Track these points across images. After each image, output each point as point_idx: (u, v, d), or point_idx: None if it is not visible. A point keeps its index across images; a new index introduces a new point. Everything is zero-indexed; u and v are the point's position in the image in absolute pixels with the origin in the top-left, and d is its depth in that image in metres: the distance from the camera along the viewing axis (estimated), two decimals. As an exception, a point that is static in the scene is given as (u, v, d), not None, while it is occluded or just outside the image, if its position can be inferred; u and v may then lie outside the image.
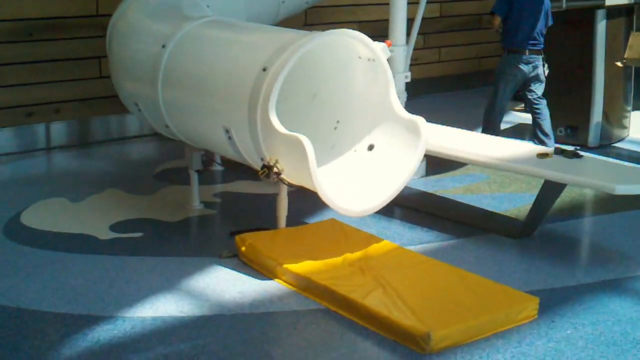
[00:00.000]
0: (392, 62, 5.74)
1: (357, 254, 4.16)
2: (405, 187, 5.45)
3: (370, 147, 4.42)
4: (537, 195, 4.65)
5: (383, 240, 4.40)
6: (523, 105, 7.50)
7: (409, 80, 5.87)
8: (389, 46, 4.43)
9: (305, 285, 3.88)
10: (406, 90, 5.83)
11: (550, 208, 4.73)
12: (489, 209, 5.16)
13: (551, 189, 4.54)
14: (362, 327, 3.55)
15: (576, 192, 5.41)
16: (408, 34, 5.80)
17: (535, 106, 6.30)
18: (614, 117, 6.89)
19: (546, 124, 6.28)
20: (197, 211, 5.07)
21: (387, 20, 5.70)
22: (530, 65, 6.18)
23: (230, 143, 4.25)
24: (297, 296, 3.86)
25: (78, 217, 4.96)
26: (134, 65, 4.89)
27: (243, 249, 4.24)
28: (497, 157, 4.74)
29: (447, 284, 3.89)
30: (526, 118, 7.15)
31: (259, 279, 4.05)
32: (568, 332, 3.61)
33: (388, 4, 5.69)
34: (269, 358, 3.30)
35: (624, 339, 3.53)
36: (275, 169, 4.00)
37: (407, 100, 5.67)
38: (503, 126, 6.64)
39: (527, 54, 6.15)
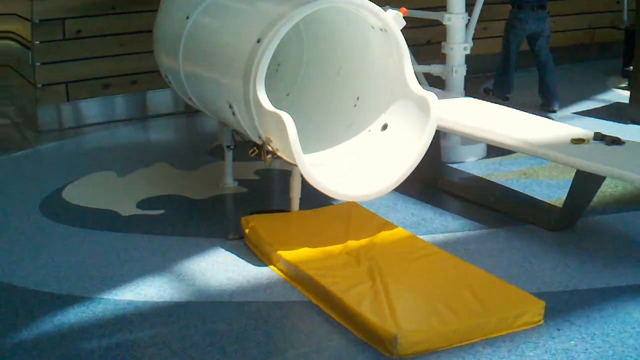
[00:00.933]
0: (450, 31, 5.37)
1: (361, 242, 3.88)
2: (453, 169, 5.18)
3: (384, 127, 4.10)
4: (571, 186, 4.15)
5: (397, 227, 4.08)
6: (627, 83, 6.88)
7: (467, 52, 5.44)
8: (403, 14, 4.03)
9: (294, 274, 3.67)
10: (465, 62, 5.43)
11: (589, 200, 4.20)
12: (535, 197, 4.69)
13: (586, 180, 4.01)
14: (338, 323, 3.30)
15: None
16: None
17: (542, 60, 6.50)
18: None
19: (552, 80, 6.48)
20: (229, 189, 4.93)
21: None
22: (537, 20, 6.36)
23: (234, 119, 4.08)
24: (285, 286, 3.65)
25: (114, 191, 4.97)
26: (164, 38, 4.80)
27: (247, 231, 4.07)
28: (523, 140, 4.24)
29: (446, 281, 3.54)
30: (626, 97, 6.51)
31: (254, 264, 3.87)
32: (572, 343, 3.18)
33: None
34: (221, 353, 3.12)
35: (634, 355, 3.07)
36: (268, 148, 3.79)
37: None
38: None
39: (535, 9, 6.35)
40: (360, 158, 4.08)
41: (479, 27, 7.58)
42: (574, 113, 6.55)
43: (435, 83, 5.63)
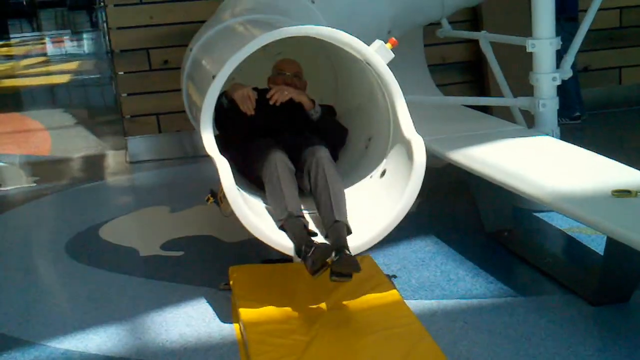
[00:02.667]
0: (536, 59, 4.60)
1: (335, 305, 3.32)
2: (536, 219, 4.39)
3: (383, 173, 3.51)
4: (605, 251, 3.25)
5: (392, 290, 3.43)
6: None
7: (558, 82, 4.61)
8: (392, 45, 3.38)
9: (242, 337, 3.19)
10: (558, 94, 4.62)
11: (635, 274, 3.26)
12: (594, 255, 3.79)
13: (624, 249, 3.06)
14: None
15: None
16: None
17: None
18: None
19: (573, 84, 5.80)
20: None
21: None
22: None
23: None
24: (231, 349, 3.18)
25: (151, 228, 4.78)
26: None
27: (230, 282, 3.65)
28: (549, 189, 3.41)
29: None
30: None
31: (222, 321, 3.45)
32: None
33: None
34: None
35: None
36: (220, 195, 3.39)
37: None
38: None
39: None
40: (354, 208, 3.50)
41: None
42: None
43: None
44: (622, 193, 3.22)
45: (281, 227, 3.34)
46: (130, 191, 5.80)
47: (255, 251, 4.09)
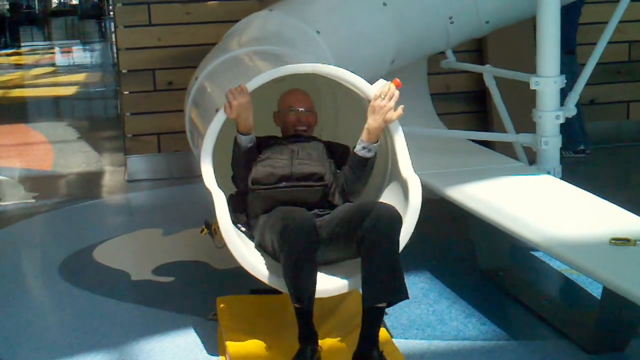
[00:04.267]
0: (539, 97, 4.56)
1: (323, 338, 3.25)
2: (532, 257, 4.35)
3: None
4: (601, 298, 3.20)
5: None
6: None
7: (561, 120, 4.57)
8: (396, 87, 3.33)
9: (226, 372, 3.15)
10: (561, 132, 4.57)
11: (633, 323, 3.20)
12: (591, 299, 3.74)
13: (620, 298, 2.96)
14: None
15: None
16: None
17: None
18: None
19: (576, 118, 5.40)
20: None
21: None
22: None
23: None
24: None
25: (143, 251, 4.77)
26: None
27: (218, 313, 3.61)
28: (546, 234, 3.36)
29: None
30: None
31: (210, 353, 3.41)
32: None
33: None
34: None
35: None
36: (214, 227, 3.35)
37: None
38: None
39: None
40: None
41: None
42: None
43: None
44: (621, 241, 3.16)
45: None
46: (126, 211, 5.78)
47: (246, 279, 4.05)
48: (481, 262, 4.20)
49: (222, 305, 3.58)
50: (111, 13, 7.91)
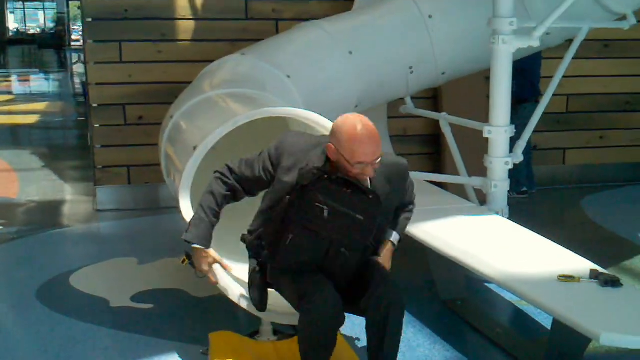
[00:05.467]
0: (491, 144, 4.98)
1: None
2: (487, 289, 4.72)
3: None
4: (551, 332, 3.60)
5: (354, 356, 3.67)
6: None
7: (510, 166, 4.99)
8: None
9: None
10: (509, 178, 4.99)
11: (579, 351, 3.56)
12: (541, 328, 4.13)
13: (569, 329, 3.30)
14: None
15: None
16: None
17: None
18: None
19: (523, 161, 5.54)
20: None
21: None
22: None
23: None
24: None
25: (121, 279, 4.97)
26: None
27: (207, 348, 3.78)
28: (503, 271, 3.73)
29: None
30: None
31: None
32: None
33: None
34: None
35: None
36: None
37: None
38: None
39: None
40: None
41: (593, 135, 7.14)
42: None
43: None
44: (568, 278, 3.55)
45: None
46: (98, 240, 5.98)
47: (224, 307, 4.27)
48: (441, 293, 4.56)
49: (212, 342, 3.72)
50: (72, 44, 8.10)
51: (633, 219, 6.09)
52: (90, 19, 6.36)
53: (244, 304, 3.57)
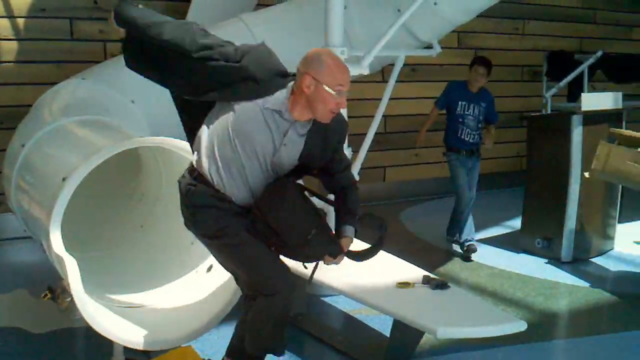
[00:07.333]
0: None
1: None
2: (324, 303, 4.95)
3: (209, 268, 3.94)
4: (391, 334, 3.98)
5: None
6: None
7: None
8: None
9: None
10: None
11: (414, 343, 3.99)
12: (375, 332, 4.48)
13: (406, 327, 3.78)
14: None
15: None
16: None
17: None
18: (593, 229, 6.12)
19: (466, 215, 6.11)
20: (80, 321, 4.01)
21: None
22: None
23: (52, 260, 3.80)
24: None
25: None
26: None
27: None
28: (347, 282, 4.04)
29: None
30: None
31: None
32: None
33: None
34: None
35: None
36: (58, 291, 3.57)
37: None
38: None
39: None
40: (177, 301, 3.89)
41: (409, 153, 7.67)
42: (478, 240, 6.44)
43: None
44: (404, 284, 4.03)
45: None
46: None
47: (68, 342, 4.27)
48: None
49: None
50: None
51: (442, 229, 6.59)
52: None
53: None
